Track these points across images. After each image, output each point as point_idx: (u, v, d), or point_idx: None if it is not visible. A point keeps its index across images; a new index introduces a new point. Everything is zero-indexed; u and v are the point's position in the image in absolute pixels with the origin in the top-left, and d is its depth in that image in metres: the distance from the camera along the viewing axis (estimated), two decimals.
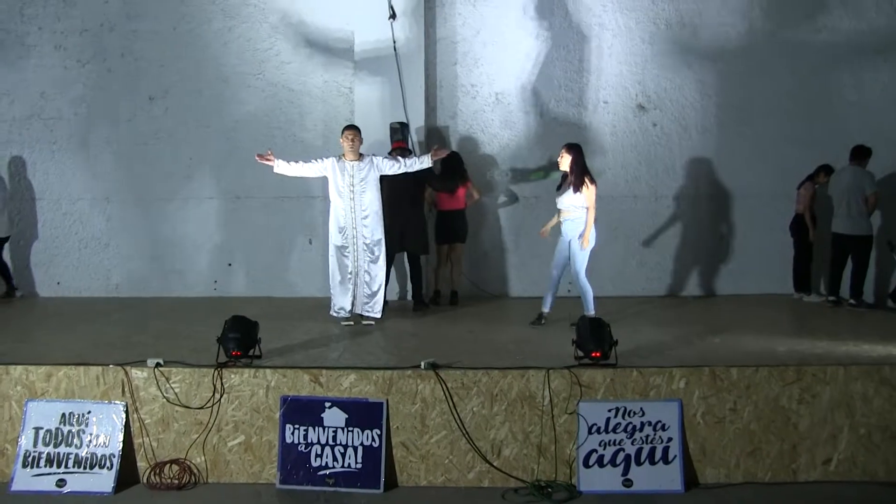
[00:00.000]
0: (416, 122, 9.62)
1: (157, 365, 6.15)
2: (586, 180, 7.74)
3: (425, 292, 9.27)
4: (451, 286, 9.53)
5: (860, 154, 9.26)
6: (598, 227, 7.86)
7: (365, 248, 8.00)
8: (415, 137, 9.61)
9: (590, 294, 7.81)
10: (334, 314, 8.11)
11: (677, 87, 10.02)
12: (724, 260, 10.18)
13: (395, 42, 9.50)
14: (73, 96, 10.12)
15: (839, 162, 9.46)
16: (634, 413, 6.05)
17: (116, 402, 6.13)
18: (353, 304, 8.07)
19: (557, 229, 8.04)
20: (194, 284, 10.09)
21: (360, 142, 8.07)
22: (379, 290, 8.11)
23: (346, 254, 7.99)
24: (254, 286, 10.04)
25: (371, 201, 8.00)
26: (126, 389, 6.13)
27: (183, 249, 10.15)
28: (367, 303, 8.10)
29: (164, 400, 6.10)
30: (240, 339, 6.23)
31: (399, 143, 9.07)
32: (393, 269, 9.10)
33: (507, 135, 10.05)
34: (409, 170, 8.13)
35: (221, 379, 6.08)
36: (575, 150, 7.84)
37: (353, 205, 7.93)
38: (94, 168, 10.18)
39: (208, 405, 6.07)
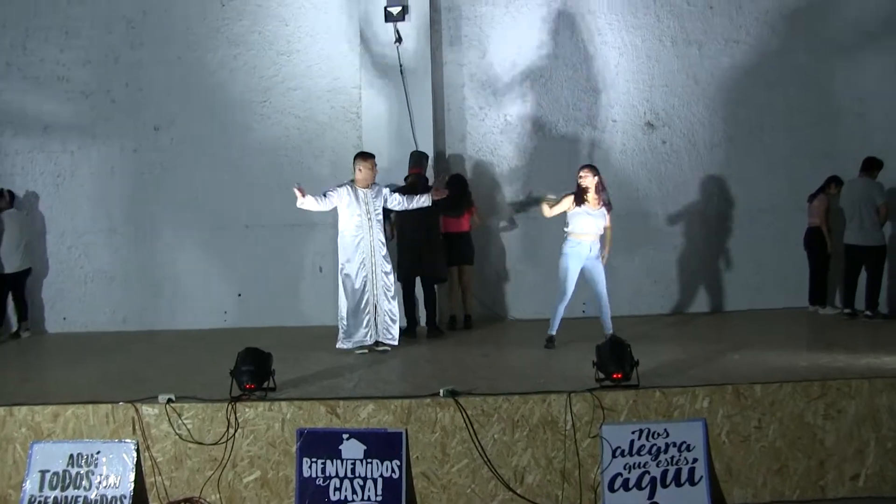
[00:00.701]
0: (425, 145, 9.56)
1: (169, 401, 6.01)
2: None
3: (439, 318, 9.17)
4: (464, 310, 9.45)
5: (871, 165, 9.25)
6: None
7: (383, 276, 7.94)
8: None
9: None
10: (347, 347, 7.94)
11: (685, 104, 10.02)
12: (738, 275, 10.11)
13: (401, 66, 9.49)
14: (77, 128, 10.09)
15: (850, 175, 9.43)
16: (658, 434, 5.95)
17: (127, 440, 5.97)
18: (370, 334, 7.93)
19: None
20: (203, 316, 9.99)
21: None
22: (398, 316, 8.09)
23: (364, 283, 7.86)
24: (264, 316, 9.91)
25: (383, 229, 8.02)
26: (137, 427, 5.98)
27: (191, 280, 10.07)
28: (387, 330, 8.00)
29: (177, 437, 5.96)
30: (253, 372, 6.10)
31: (416, 169, 9.00)
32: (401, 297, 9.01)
33: (516, 156, 10.03)
34: (409, 207, 8.12)
35: (235, 413, 5.94)
36: (598, 171, 7.87)
37: (372, 234, 7.86)
38: (99, 200, 10.15)
39: (222, 441, 5.93)
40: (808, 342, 8.23)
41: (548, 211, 7.84)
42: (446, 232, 9.24)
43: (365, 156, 8.03)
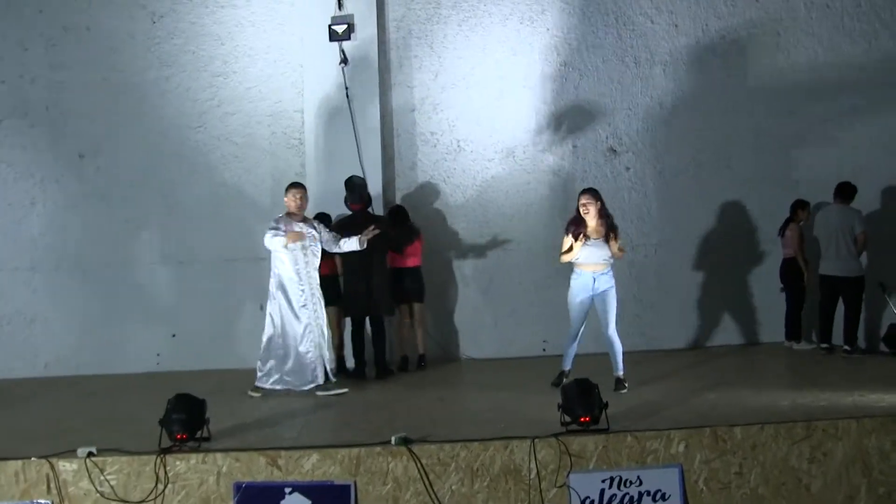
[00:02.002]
0: (373, 174, 9.32)
1: (90, 454, 5.68)
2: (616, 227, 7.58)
3: (389, 359, 8.88)
4: (418, 349, 9.14)
5: (845, 192, 9.04)
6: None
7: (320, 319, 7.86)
8: (372, 192, 9.24)
9: (621, 349, 7.59)
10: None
11: (649, 129, 9.85)
12: (707, 309, 9.91)
13: (347, 89, 9.28)
14: None
15: (817, 200, 9.41)
16: (631, 482, 5.76)
17: (40, 501, 5.63)
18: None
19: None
20: (134, 360, 9.50)
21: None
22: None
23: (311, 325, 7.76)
24: (200, 358, 9.45)
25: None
26: (52, 485, 5.65)
27: (120, 321, 9.58)
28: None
29: (98, 495, 5.64)
30: (185, 420, 5.85)
31: (358, 205, 8.66)
32: (349, 335, 8.82)
33: (470, 184, 9.79)
34: (340, 251, 8.02)
35: (165, 467, 5.67)
36: (600, 196, 7.56)
37: (309, 270, 7.79)
38: (17, 234, 9.62)
39: (150, 498, 5.62)
40: (787, 380, 8.10)
41: (567, 256, 7.58)
42: (392, 267, 9.00)
43: (297, 185, 8.04)
